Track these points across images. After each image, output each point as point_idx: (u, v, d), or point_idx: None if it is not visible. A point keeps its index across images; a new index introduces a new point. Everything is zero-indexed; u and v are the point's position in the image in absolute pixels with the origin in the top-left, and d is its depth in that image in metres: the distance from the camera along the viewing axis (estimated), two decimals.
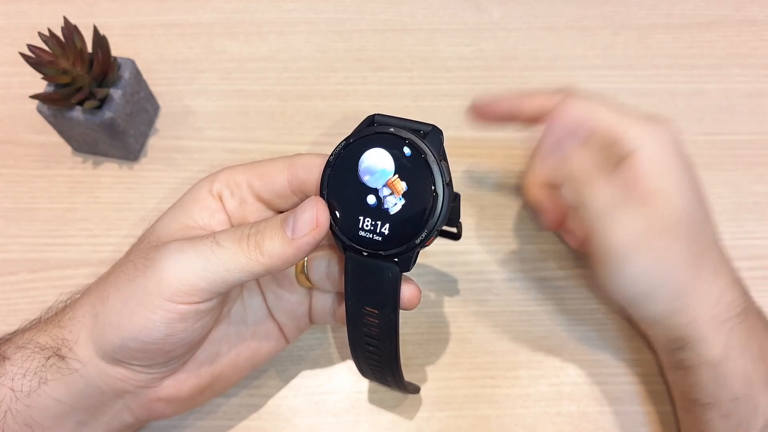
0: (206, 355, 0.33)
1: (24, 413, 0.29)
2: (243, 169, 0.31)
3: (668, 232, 0.33)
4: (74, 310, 0.30)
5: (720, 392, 0.33)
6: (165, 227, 0.31)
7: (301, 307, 0.35)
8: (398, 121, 0.28)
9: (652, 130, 0.34)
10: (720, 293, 0.33)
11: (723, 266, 0.34)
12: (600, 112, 0.35)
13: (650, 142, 0.34)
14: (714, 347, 0.33)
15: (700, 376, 0.34)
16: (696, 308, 0.33)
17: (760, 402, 0.32)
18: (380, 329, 0.30)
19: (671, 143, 0.34)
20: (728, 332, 0.33)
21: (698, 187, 0.34)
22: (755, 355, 0.33)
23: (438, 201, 0.27)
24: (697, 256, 0.33)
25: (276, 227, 0.28)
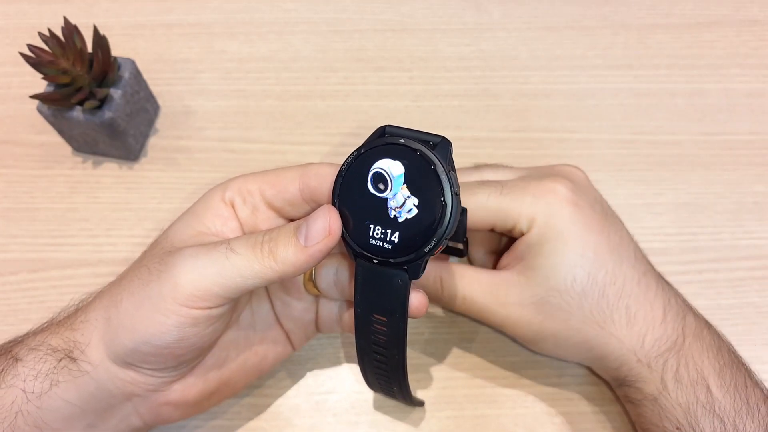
0: (215, 360, 0.33)
1: (35, 415, 0.29)
2: (255, 177, 0.32)
3: (558, 310, 0.34)
4: (87, 313, 0.30)
5: (664, 423, 0.33)
6: (178, 233, 0.31)
7: (308, 314, 0.35)
8: (408, 132, 0.29)
9: (542, 203, 0.34)
10: (640, 337, 0.34)
11: (644, 306, 0.34)
12: (489, 204, 0.35)
13: (539, 218, 0.34)
14: (650, 384, 0.34)
15: (644, 409, 0.34)
16: (619, 356, 0.34)
17: (704, 428, 0.32)
18: (388, 337, 0.30)
19: (561, 210, 0.34)
20: (662, 366, 0.33)
21: (597, 244, 0.34)
22: (694, 382, 0.33)
23: (447, 210, 0.27)
24: (600, 313, 0.34)
25: (289, 235, 0.29)
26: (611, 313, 0.34)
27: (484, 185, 0.35)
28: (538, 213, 0.34)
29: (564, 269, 0.34)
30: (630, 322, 0.34)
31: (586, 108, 0.49)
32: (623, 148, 0.47)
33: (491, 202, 0.35)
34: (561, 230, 0.34)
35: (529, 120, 0.49)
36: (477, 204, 0.35)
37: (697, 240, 0.44)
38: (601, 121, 0.48)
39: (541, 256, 0.34)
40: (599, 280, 0.34)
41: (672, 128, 0.48)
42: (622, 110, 0.49)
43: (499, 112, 0.49)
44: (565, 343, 0.35)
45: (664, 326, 0.34)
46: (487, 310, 0.35)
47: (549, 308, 0.34)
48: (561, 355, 0.37)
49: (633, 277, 0.34)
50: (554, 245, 0.34)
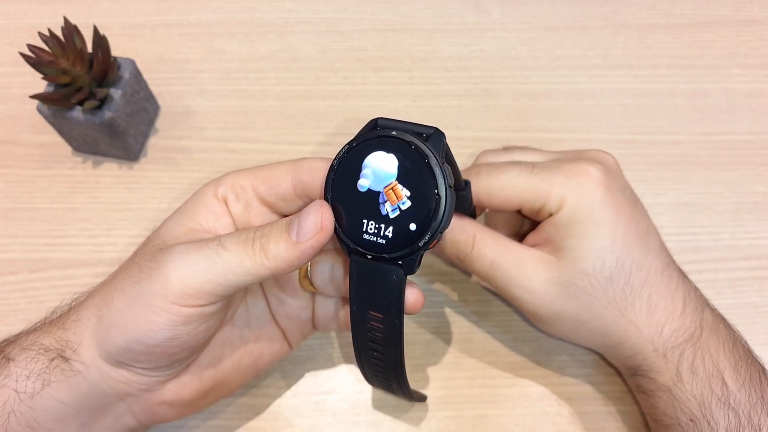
0: (209, 359, 0.33)
1: (27, 415, 0.29)
2: (248, 173, 0.32)
3: (584, 294, 0.34)
4: (78, 312, 0.30)
5: (678, 414, 0.33)
6: (170, 230, 0.31)
7: (305, 312, 0.35)
8: (401, 125, 0.28)
9: (575, 184, 0.34)
10: (659, 326, 0.34)
11: (665, 296, 0.34)
12: (520, 184, 0.35)
13: (571, 198, 0.34)
14: (665, 374, 0.34)
15: (657, 399, 0.34)
16: (635, 344, 0.34)
17: (719, 420, 0.32)
18: (385, 334, 0.30)
19: (594, 192, 0.34)
20: (678, 357, 0.33)
21: (626, 230, 0.34)
22: (710, 374, 0.33)
23: (441, 203, 0.27)
24: (624, 299, 0.34)
25: (281, 231, 0.28)
26: (633, 301, 0.34)
27: (515, 164, 0.35)
28: (570, 194, 0.34)
29: (594, 253, 0.34)
30: (650, 311, 0.34)
31: (586, 108, 0.49)
32: (623, 148, 0.47)
33: (521, 181, 0.35)
34: (592, 212, 0.34)
35: (529, 120, 0.48)
36: (507, 182, 0.35)
37: (697, 240, 0.44)
38: (601, 121, 0.48)
39: (571, 237, 0.34)
40: (626, 266, 0.34)
41: (672, 128, 0.48)
42: (622, 110, 0.49)
43: (499, 112, 0.49)
44: (583, 327, 0.35)
45: (683, 318, 0.34)
46: (512, 280, 0.35)
47: (574, 290, 0.34)
48: (574, 338, 0.37)
49: (657, 266, 0.34)
50: (585, 228, 0.34)
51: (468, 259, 0.36)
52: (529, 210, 0.35)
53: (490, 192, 0.35)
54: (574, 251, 0.34)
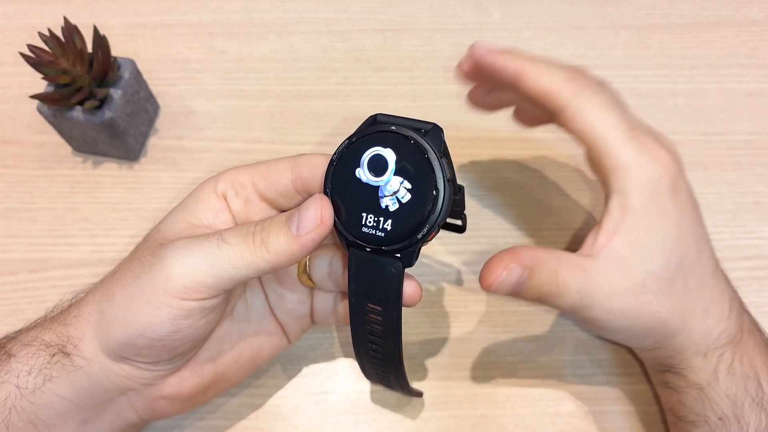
0: (209, 354, 0.33)
1: (29, 410, 0.29)
2: (247, 169, 0.32)
3: (648, 293, 0.32)
4: (80, 308, 0.30)
5: (706, 412, 0.33)
6: (170, 226, 0.31)
7: (303, 306, 0.35)
8: (400, 120, 0.29)
9: (647, 167, 0.32)
10: (709, 329, 0.33)
11: (715, 299, 0.33)
12: (602, 126, 0.32)
13: (640, 182, 0.32)
14: (700, 374, 0.33)
15: (686, 396, 0.34)
16: (681, 344, 0.34)
17: (750, 420, 0.32)
18: (383, 326, 0.30)
19: (664, 182, 0.32)
20: (718, 359, 0.33)
21: (688, 230, 0.33)
22: (746, 376, 0.32)
23: (439, 197, 0.27)
24: (683, 302, 0.33)
25: (281, 224, 0.28)
26: (692, 304, 0.33)
27: (622, 110, 0.33)
28: (647, 180, 0.32)
29: (660, 250, 0.32)
30: (703, 316, 0.33)
31: None
32: None
33: (614, 131, 0.32)
34: (662, 208, 0.32)
35: None
36: (600, 119, 0.32)
37: None
38: None
39: (639, 230, 0.32)
40: (685, 267, 0.32)
41: (672, 128, 0.48)
42: None
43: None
44: (645, 335, 0.33)
45: (728, 321, 0.33)
46: (596, 304, 0.32)
47: (645, 298, 0.32)
48: (624, 342, 0.36)
49: (708, 269, 0.33)
50: (653, 222, 0.32)
51: (553, 297, 0.32)
52: (596, 159, 0.33)
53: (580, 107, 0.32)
54: (644, 247, 0.32)
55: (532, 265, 0.31)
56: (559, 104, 0.33)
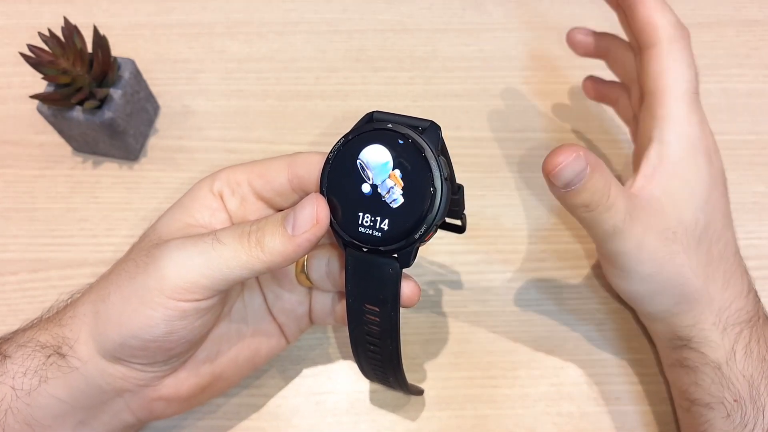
0: (206, 354, 0.33)
1: (24, 412, 0.29)
2: (243, 168, 0.32)
3: (677, 243, 0.33)
4: (75, 309, 0.30)
5: (723, 393, 0.33)
6: (166, 226, 0.31)
7: (302, 307, 0.35)
8: (396, 118, 0.28)
9: (693, 126, 0.34)
10: (728, 302, 0.34)
11: (736, 276, 0.34)
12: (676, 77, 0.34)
13: (683, 136, 0.34)
14: (719, 350, 0.33)
15: (703, 375, 0.34)
16: (701, 312, 0.34)
17: (766, 402, 0.32)
18: (381, 327, 0.30)
19: (703, 147, 0.34)
20: (736, 335, 0.33)
21: (717, 200, 0.34)
22: (763, 358, 0.33)
23: (436, 196, 0.27)
24: (707, 265, 0.34)
25: (277, 224, 0.28)
26: (713, 271, 0.34)
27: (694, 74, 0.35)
28: (689, 138, 0.34)
29: (693, 204, 0.33)
30: (724, 286, 0.34)
31: (586, 108, 0.49)
32: (624, 148, 0.47)
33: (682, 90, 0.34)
34: (699, 168, 0.34)
35: (529, 120, 0.48)
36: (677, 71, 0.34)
37: None
38: (601, 121, 0.48)
39: (676, 179, 0.33)
40: (709, 233, 0.34)
41: None
42: None
43: (499, 112, 0.49)
44: (665, 292, 0.34)
45: (747, 300, 0.34)
46: (633, 236, 0.32)
47: (675, 247, 0.33)
48: (646, 302, 0.36)
49: (733, 246, 0.35)
50: (689, 177, 0.33)
51: (601, 209, 0.31)
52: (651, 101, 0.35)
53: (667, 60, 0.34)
54: (678, 196, 0.33)
55: (595, 165, 0.30)
56: (654, 40, 0.35)
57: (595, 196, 0.30)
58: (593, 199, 0.30)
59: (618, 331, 0.41)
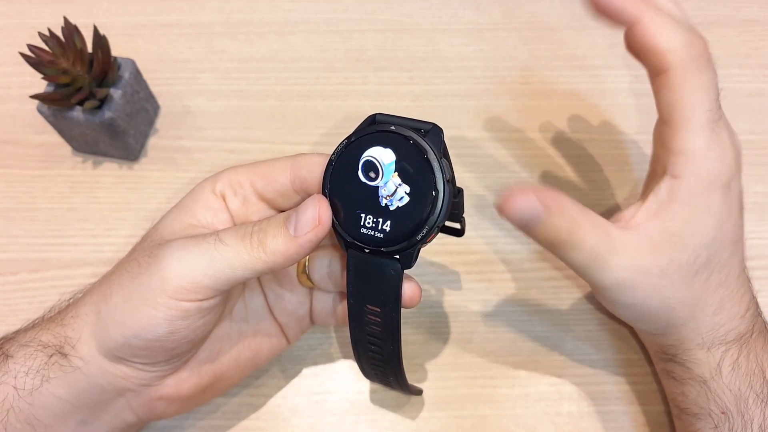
0: (208, 354, 0.33)
1: (26, 411, 0.29)
2: (246, 168, 0.32)
3: (665, 279, 0.32)
4: (77, 308, 0.30)
5: (709, 405, 0.33)
6: (168, 226, 0.31)
7: (303, 307, 0.35)
8: (399, 120, 0.28)
9: (712, 162, 0.31)
10: (719, 325, 0.33)
11: (734, 300, 0.33)
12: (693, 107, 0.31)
13: (698, 174, 0.31)
14: (703, 367, 0.33)
15: (689, 388, 0.34)
16: (686, 336, 0.33)
17: (754, 415, 0.31)
18: (382, 328, 0.30)
19: (721, 181, 0.31)
20: (722, 354, 0.33)
21: (728, 231, 0.32)
22: (752, 372, 0.32)
23: (438, 198, 0.27)
24: (699, 297, 0.32)
25: (279, 225, 0.28)
26: (707, 299, 0.32)
27: (716, 97, 0.32)
28: (705, 173, 0.31)
29: (694, 244, 0.31)
30: (715, 312, 0.33)
31: (586, 108, 0.49)
32: (624, 149, 0.47)
33: (701, 119, 0.31)
34: (711, 205, 0.31)
35: (529, 120, 0.48)
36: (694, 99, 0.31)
37: None
38: (601, 121, 0.48)
39: (679, 219, 0.31)
40: (711, 265, 0.32)
41: None
42: (622, 110, 0.49)
43: (498, 112, 0.49)
44: (649, 318, 0.33)
45: (741, 320, 0.33)
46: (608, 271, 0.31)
47: (660, 283, 0.31)
48: (628, 320, 0.35)
49: (736, 270, 0.33)
50: (697, 215, 0.31)
51: (564, 247, 0.31)
52: (669, 133, 0.31)
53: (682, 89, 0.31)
54: (678, 237, 0.31)
55: (552, 206, 0.29)
56: (663, 66, 0.31)
57: (556, 235, 0.30)
58: (554, 238, 0.30)
59: (618, 331, 0.41)
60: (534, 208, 0.29)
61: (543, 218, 0.29)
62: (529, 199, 0.29)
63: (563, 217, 0.30)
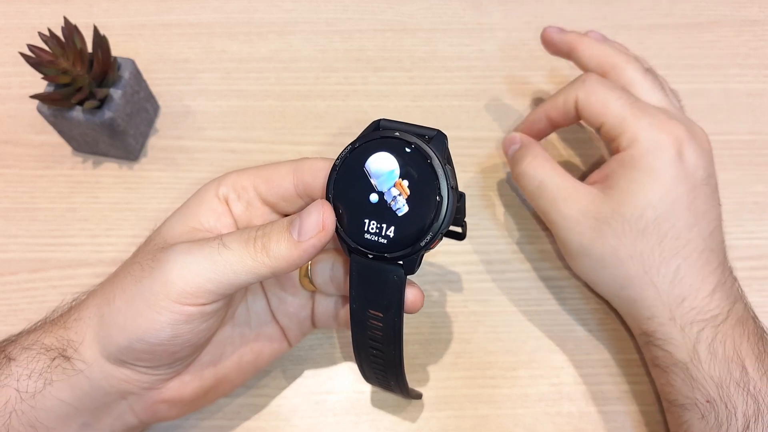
0: (210, 357, 0.33)
1: (29, 414, 0.29)
2: (249, 172, 0.32)
3: (607, 225, 0.36)
4: (80, 312, 0.30)
5: (694, 394, 0.33)
6: (171, 229, 0.31)
7: (304, 310, 0.35)
8: (403, 126, 0.28)
9: (654, 134, 0.36)
10: (679, 298, 0.34)
11: (695, 274, 0.35)
12: (614, 106, 0.37)
13: (643, 144, 0.36)
14: (681, 349, 0.34)
15: (673, 376, 0.34)
16: (652, 304, 0.35)
17: (737, 404, 0.32)
18: (384, 333, 0.30)
19: (666, 150, 0.36)
20: (696, 334, 0.34)
21: (682, 199, 0.35)
22: (729, 358, 0.33)
23: (443, 204, 0.27)
24: (649, 255, 0.35)
25: (282, 230, 0.28)
26: (659, 265, 0.35)
27: (621, 90, 0.38)
28: (644, 139, 0.36)
29: (638, 201, 0.35)
30: (674, 281, 0.35)
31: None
32: None
33: (617, 106, 0.37)
34: (654, 166, 0.35)
35: None
36: (605, 100, 0.37)
37: None
38: None
39: (624, 179, 0.36)
40: (663, 228, 0.35)
41: None
42: None
43: (499, 112, 0.49)
44: (605, 271, 0.37)
45: (708, 300, 0.34)
46: (553, 203, 0.38)
47: (606, 230, 0.36)
48: (595, 282, 0.39)
49: (698, 245, 0.35)
50: (641, 175, 0.35)
51: (520, 174, 0.40)
52: (606, 133, 0.38)
53: (588, 100, 0.38)
54: (620, 193, 0.36)
55: (527, 146, 0.41)
56: (573, 103, 0.39)
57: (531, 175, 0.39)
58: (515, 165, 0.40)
59: (618, 331, 0.41)
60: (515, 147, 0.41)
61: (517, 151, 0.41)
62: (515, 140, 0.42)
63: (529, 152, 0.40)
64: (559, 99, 0.40)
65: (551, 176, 0.38)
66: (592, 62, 0.41)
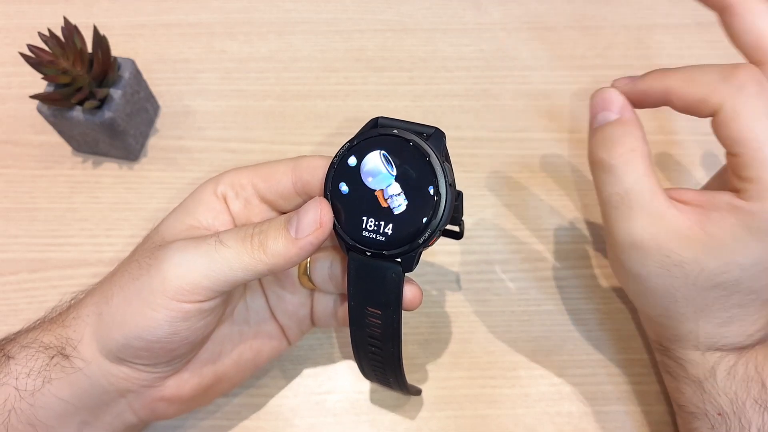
0: (209, 355, 0.33)
1: (28, 412, 0.29)
2: (247, 170, 0.32)
3: (678, 268, 0.30)
4: (78, 310, 0.30)
5: (705, 406, 0.32)
6: (169, 227, 0.31)
7: (303, 308, 0.35)
8: (402, 124, 0.29)
9: None
10: (717, 337, 0.32)
11: (737, 322, 0.31)
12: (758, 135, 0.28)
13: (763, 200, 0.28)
14: (697, 368, 0.33)
15: (684, 386, 0.34)
16: (684, 334, 0.33)
17: (752, 419, 0.31)
18: (383, 330, 0.30)
19: None
20: (717, 359, 0.32)
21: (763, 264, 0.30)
22: (750, 378, 0.31)
23: (441, 202, 0.27)
24: (710, 306, 0.31)
25: (280, 227, 0.28)
26: (716, 311, 0.31)
27: None
28: None
29: (728, 258, 0.29)
30: (722, 325, 0.31)
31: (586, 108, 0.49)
32: None
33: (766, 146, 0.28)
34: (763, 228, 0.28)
35: (529, 120, 0.48)
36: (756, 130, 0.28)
37: None
38: None
39: (728, 232, 0.29)
40: (739, 287, 0.30)
41: (672, 128, 0.48)
42: None
43: (499, 112, 0.49)
44: (650, 297, 0.32)
45: (746, 338, 0.32)
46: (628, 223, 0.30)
47: (675, 271, 0.30)
48: (633, 296, 0.34)
49: (760, 296, 0.31)
50: (749, 239, 0.29)
51: (605, 165, 0.31)
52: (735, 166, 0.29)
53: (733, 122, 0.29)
54: (716, 243, 0.29)
55: (625, 122, 0.31)
56: (713, 108, 0.29)
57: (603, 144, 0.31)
58: (601, 146, 0.31)
59: (618, 331, 0.41)
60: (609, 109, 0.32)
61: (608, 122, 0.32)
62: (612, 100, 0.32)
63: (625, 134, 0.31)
64: (695, 91, 0.30)
65: (641, 187, 0.30)
66: (749, 38, 0.31)
